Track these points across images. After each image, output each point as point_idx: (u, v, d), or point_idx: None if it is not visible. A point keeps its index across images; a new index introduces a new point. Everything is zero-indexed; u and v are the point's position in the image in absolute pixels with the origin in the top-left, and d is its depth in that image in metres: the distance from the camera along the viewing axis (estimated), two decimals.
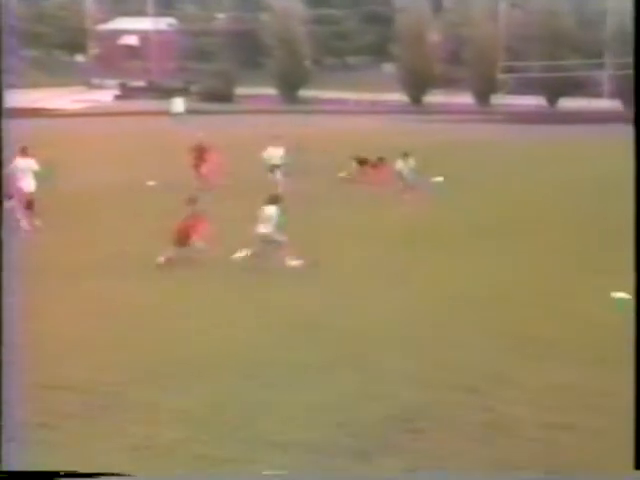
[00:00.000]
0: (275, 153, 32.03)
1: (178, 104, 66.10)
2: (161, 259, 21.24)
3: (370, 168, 35.18)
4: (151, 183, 34.36)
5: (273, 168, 31.63)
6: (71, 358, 14.82)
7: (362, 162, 35.70)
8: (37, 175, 26.33)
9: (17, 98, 65.11)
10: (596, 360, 14.89)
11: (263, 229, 21.18)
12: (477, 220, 26.98)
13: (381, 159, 35.22)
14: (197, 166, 33.65)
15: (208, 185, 31.49)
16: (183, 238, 21.47)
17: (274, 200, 21.78)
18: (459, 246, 23.62)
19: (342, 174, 35.24)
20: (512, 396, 13.31)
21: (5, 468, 8.68)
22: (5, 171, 23.65)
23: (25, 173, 26.11)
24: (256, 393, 13.49)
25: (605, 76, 73.61)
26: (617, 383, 13.49)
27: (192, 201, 22.15)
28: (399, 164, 32.71)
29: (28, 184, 26.04)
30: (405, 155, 32.95)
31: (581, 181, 35.16)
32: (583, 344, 15.71)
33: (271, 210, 21.44)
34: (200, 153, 33.80)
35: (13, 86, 68.98)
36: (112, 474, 7.76)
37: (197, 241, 21.50)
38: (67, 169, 37.69)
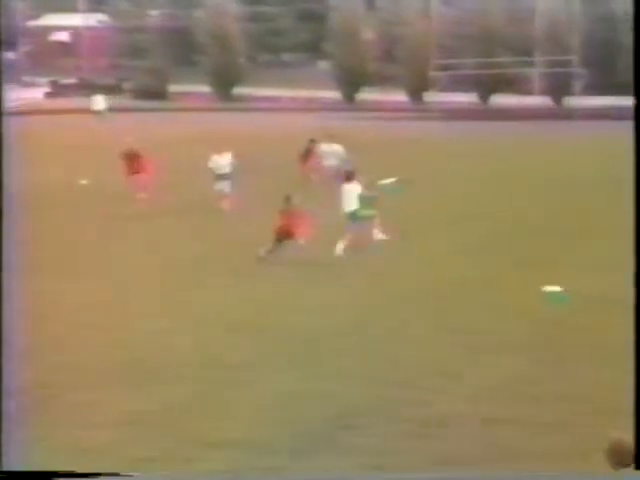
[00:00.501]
0: (222, 161, 29.53)
1: (99, 102, 64.87)
2: (261, 252, 21.44)
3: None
4: (83, 182, 34.17)
5: (220, 178, 29.14)
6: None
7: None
8: None
9: None
10: (533, 352, 15.15)
11: (349, 207, 22.15)
12: (412, 218, 27.18)
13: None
14: (131, 174, 31.62)
15: (144, 197, 30.32)
16: (284, 235, 21.53)
17: (350, 177, 22.63)
18: (395, 244, 23.80)
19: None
20: (450, 390, 13.50)
21: (5, 468, 8.65)
22: None
23: None
24: (195, 393, 13.56)
25: (535, 73, 74.34)
26: (554, 374, 13.82)
27: (288, 199, 22.09)
28: (330, 160, 33.08)
29: None
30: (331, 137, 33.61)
31: (512, 176, 35.54)
32: (519, 337, 15.96)
33: (351, 187, 22.22)
34: (132, 161, 31.65)
35: None
36: (112, 474, 7.70)
37: (299, 238, 21.49)
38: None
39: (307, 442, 11.77)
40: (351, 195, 22.54)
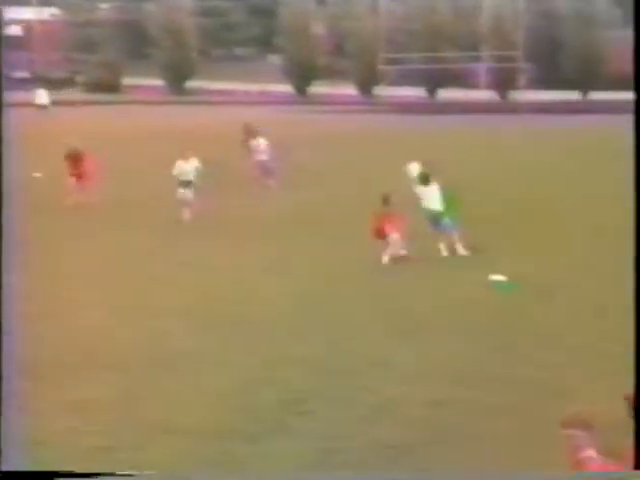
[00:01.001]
0: (186, 167, 26.76)
1: (42, 96, 63.68)
2: (386, 258, 20.86)
3: None
4: (37, 175, 33.98)
5: (184, 184, 26.36)
6: None
7: None
8: None
9: None
10: (469, 335, 15.36)
11: (432, 205, 21.39)
12: (355, 206, 27.33)
13: None
14: (72, 175, 28.98)
15: (83, 202, 28.18)
16: (379, 234, 21.14)
17: (426, 179, 22.00)
18: (336, 230, 23.95)
19: None
20: (394, 376, 13.65)
21: (5, 468, 8.44)
22: None
23: None
24: (149, 381, 13.61)
25: (481, 68, 74.73)
26: (496, 357, 14.06)
27: (386, 200, 21.52)
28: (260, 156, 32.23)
29: None
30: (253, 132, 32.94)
31: (458, 168, 35.77)
32: (457, 322, 16.17)
33: (431, 189, 21.69)
34: (75, 162, 29.07)
35: None
36: (112, 474, 7.61)
37: (393, 235, 20.99)
38: None
39: (260, 427, 11.90)
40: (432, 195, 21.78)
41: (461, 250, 21.12)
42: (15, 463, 8.66)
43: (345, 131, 50.35)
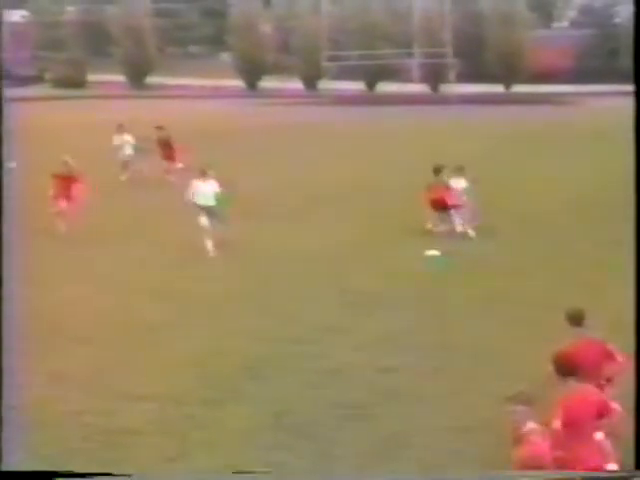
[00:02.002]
0: (205, 190, 19.80)
1: None
2: (429, 225, 21.00)
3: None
4: (12, 165, 33.45)
5: (205, 211, 19.61)
6: None
7: None
8: None
9: None
10: (415, 307, 15.41)
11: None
12: (310, 192, 27.31)
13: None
14: (62, 196, 22.83)
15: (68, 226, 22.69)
16: (440, 207, 20.93)
17: (461, 171, 21.51)
18: (296, 215, 23.89)
19: None
20: (342, 343, 13.65)
21: (5, 468, 8.17)
22: None
23: None
24: (117, 353, 13.49)
25: (414, 64, 74.83)
26: (420, 323, 14.12)
27: (438, 171, 21.26)
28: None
29: None
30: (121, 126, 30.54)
31: (396, 154, 35.87)
32: (404, 295, 16.22)
33: (460, 182, 21.17)
34: (67, 183, 23.00)
35: None
36: (111, 474, 7.40)
37: (451, 209, 20.90)
38: None
39: (217, 393, 11.84)
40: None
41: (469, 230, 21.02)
42: (15, 463, 8.37)
43: (292, 122, 50.23)
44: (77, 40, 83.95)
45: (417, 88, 73.33)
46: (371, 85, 76.65)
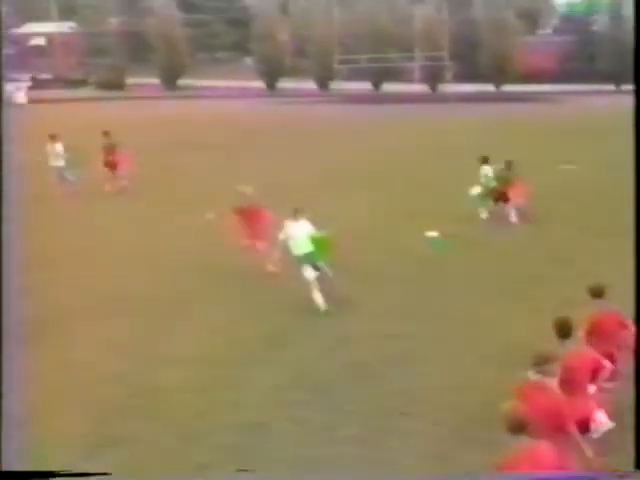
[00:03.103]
0: (297, 232, 14.09)
1: (20, 97, 60.65)
2: (484, 215, 20.26)
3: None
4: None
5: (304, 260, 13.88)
6: None
7: None
8: None
9: None
10: (416, 281, 15.30)
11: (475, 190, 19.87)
12: (323, 179, 27.16)
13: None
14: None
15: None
16: (502, 199, 20.12)
17: (486, 160, 20.71)
18: (313, 200, 23.61)
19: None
20: (359, 314, 13.52)
21: (5, 468, 7.75)
22: None
23: None
24: (154, 322, 13.41)
25: (415, 66, 74.44)
26: (427, 297, 13.99)
27: (508, 165, 20.24)
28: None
29: None
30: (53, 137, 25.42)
31: (401, 146, 35.72)
32: (404, 271, 16.10)
33: (486, 169, 20.42)
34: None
35: None
36: (108, 474, 7.14)
37: (515, 201, 20.06)
38: None
39: (243, 357, 11.74)
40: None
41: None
42: (15, 463, 7.94)
43: (307, 118, 50.05)
44: (118, 47, 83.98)
45: (418, 88, 72.98)
46: (377, 85, 76.30)
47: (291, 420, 9.73)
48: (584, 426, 7.65)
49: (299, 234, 13.90)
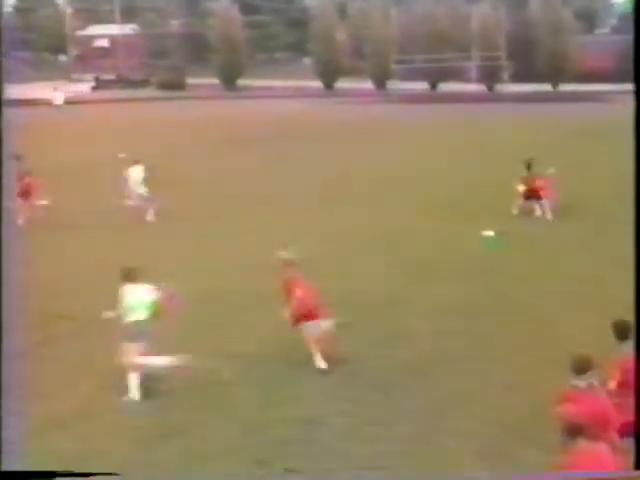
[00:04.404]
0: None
1: (58, 98, 60.38)
2: (515, 210, 20.55)
3: None
4: (122, 155, 33.83)
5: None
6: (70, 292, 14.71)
7: None
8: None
9: (11, 91, 63.46)
10: (465, 278, 15.20)
11: None
12: (379, 177, 27.10)
13: None
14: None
15: None
16: (533, 196, 20.43)
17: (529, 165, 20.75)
18: (369, 197, 23.67)
19: None
20: (412, 311, 13.48)
21: (5, 468, 7.57)
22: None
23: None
24: (213, 317, 13.50)
25: (472, 66, 73.86)
26: (477, 294, 13.87)
27: (529, 165, 20.58)
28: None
29: None
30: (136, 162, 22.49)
31: (457, 146, 35.47)
32: (456, 268, 16.01)
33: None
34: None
35: (9, 81, 67.08)
36: (111, 474, 7.02)
37: (545, 199, 20.34)
38: (56, 146, 36.98)
39: (297, 355, 11.75)
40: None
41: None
42: (15, 463, 7.82)
43: (364, 117, 49.99)
44: (179, 49, 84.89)
45: (474, 87, 72.36)
46: (434, 85, 75.86)
47: (346, 415, 9.73)
48: (630, 429, 7.49)
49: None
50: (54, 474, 6.81)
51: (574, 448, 6.19)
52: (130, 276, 10.32)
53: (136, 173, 21.86)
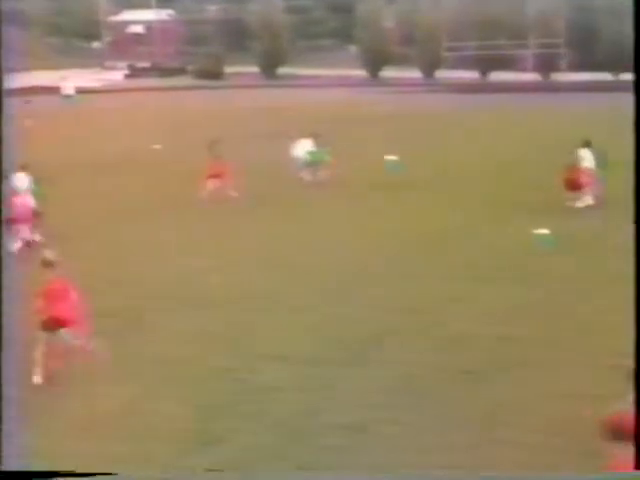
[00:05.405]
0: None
1: (69, 88, 60.40)
2: (568, 203, 20.55)
3: None
4: (156, 146, 34.10)
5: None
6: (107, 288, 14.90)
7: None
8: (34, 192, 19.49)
9: (42, 78, 64.30)
10: (521, 280, 15.07)
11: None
12: (424, 171, 26.99)
13: None
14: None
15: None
16: (572, 187, 20.68)
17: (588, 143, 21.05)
18: (411, 198, 23.58)
19: None
20: (461, 314, 13.43)
21: (5, 468, 7.57)
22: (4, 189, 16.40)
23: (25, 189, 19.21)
24: (250, 317, 13.55)
25: (527, 54, 73.31)
26: (534, 295, 13.71)
27: (574, 154, 20.91)
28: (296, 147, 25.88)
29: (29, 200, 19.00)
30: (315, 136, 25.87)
31: (509, 139, 35.21)
32: (508, 268, 15.90)
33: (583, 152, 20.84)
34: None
35: (36, 68, 67.66)
36: (111, 474, 6.95)
37: (586, 192, 20.57)
38: (89, 135, 37.40)
39: (346, 357, 11.77)
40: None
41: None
42: (15, 463, 7.86)
43: (410, 108, 49.81)
44: (216, 35, 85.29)
45: (529, 76, 71.79)
46: (485, 74, 75.42)
47: (395, 423, 9.73)
48: None
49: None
50: (55, 474, 6.88)
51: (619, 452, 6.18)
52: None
53: (304, 146, 25.46)
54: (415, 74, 75.97)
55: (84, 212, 21.79)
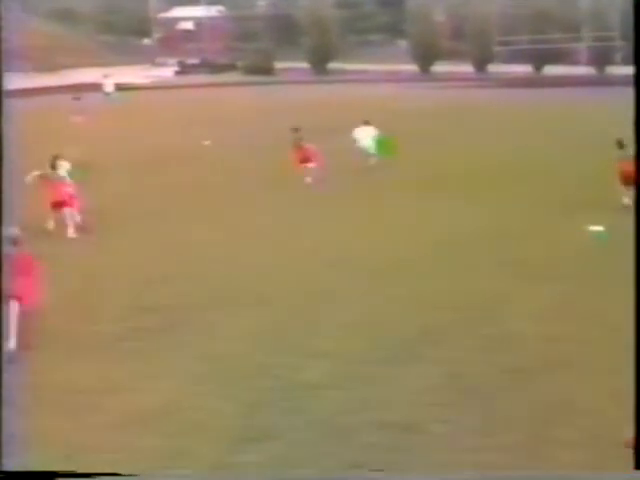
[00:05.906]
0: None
1: (109, 86, 60.69)
2: (626, 201, 19.74)
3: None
4: (206, 142, 34.27)
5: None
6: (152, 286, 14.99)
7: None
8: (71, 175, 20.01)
9: (93, 75, 65.02)
10: (574, 278, 14.88)
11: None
12: (479, 168, 26.79)
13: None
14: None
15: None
16: (628, 180, 19.52)
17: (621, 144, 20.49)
18: (462, 194, 23.39)
19: None
20: (510, 312, 13.29)
21: (5, 468, 7.53)
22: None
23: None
24: (295, 313, 13.53)
25: (581, 47, 72.44)
26: (586, 294, 13.51)
27: (621, 144, 20.27)
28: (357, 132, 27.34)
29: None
30: (366, 123, 27.35)
31: (563, 134, 34.82)
32: (565, 267, 15.70)
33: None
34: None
35: (87, 65, 68.66)
36: (111, 474, 6.88)
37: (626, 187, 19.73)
38: (139, 131, 37.72)
39: (392, 354, 11.70)
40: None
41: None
42: (15, 463, 7.81)
43: (462, 103, 49.49)
44: (266, 31, 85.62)
45: (583, 70, 70.92)
46: (539, 68, 74.68)
47: (442, 422, 9.63)
48: None
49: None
50: (55, 474, 6.88)
51: None
52: None
53: (366, 133, 26.38)
54: (467, 69, 75.50)
55: (136, 207, 21.95)
